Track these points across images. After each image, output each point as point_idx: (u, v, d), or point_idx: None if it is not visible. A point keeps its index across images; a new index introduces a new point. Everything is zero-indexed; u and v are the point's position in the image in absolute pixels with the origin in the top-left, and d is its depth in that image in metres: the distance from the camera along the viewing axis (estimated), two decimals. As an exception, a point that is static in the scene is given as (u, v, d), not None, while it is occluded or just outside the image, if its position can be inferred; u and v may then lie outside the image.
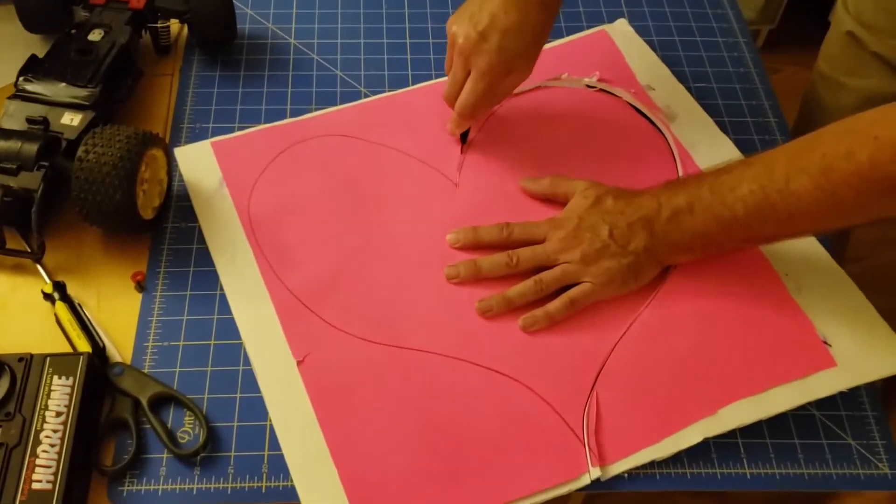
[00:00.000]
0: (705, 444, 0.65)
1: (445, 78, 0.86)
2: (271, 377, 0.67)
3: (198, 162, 0.79)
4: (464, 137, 0.82)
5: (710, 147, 0.82)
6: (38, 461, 0.59)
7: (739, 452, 0.65)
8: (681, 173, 0.80)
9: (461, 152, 0.82)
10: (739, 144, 0.83)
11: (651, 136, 0.83)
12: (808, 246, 0.75)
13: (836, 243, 0.78)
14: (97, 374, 0.65)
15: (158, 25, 0.86)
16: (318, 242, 0.75)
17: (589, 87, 0.87)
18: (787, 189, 0.63)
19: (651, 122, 0.84)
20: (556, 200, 0.76)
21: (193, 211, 0.76)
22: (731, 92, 0.89)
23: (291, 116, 0.84)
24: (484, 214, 0.76)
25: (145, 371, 0.67)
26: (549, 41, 0.90)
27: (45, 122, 0.73)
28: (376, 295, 0.72)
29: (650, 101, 0.85)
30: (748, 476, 0.64)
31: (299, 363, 0.67)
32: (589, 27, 0.93)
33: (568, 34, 0.92)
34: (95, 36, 0.81)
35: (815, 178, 0.62)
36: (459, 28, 0.75)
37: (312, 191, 0.78)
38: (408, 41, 0.91)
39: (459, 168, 0.80)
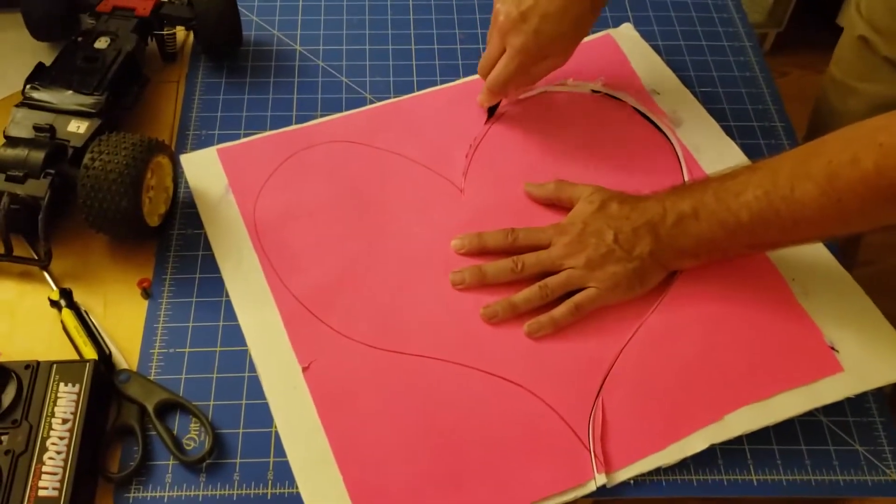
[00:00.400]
0: (711, 450, 0.65)
1: (451, 84, 0.87)
2: (276, 383, 0.67)
3: (203, 168, 0.79)
4: (492, 111, 0.84)
5: (715, 152, 0.82)
6: (44, 468, 0.59)
7: (746, 459, 0.65)
8: (686, 178, 0.80)
9: (486, 123, 0.83)
10: (745, 149, 0.82)
11: (657, 141, 0.83)
12: (815, 251, 0.75)
13: (848, 248, 0.77)
14: (103, 381, 0.65)
15: (164, 33, 0.87)
16: (324, 248, 0.75)
17: (594, 91, 0.87)
18: (791, 196, 0.63)
19: (657, 126, 0.84)
20: (560, 205, 0.76)
21: (199, 218, 0.76)
22: (736, 96, 0.89)
23: (297, 123, 0.84)
24: (489, 220, 0.76)
25: (151, 378, 0.67)
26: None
27: (51, 129, 0.73)
28: (381, 301, 0.72)
29: (655, 106, 0.85)
30: (755, 482, 0.64)
31: (304, 369, 0.67)
32: (594, 32, 0.93)
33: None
34: (102, 44, 0.81)
35: (821, 184, 0.61)
36: (503, 5, 0.76)
37: (318, 197, 0.78)
38: (413, 47, 0.91)
39: (465, 174, 0.80)
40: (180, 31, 0.89)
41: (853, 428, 0.67)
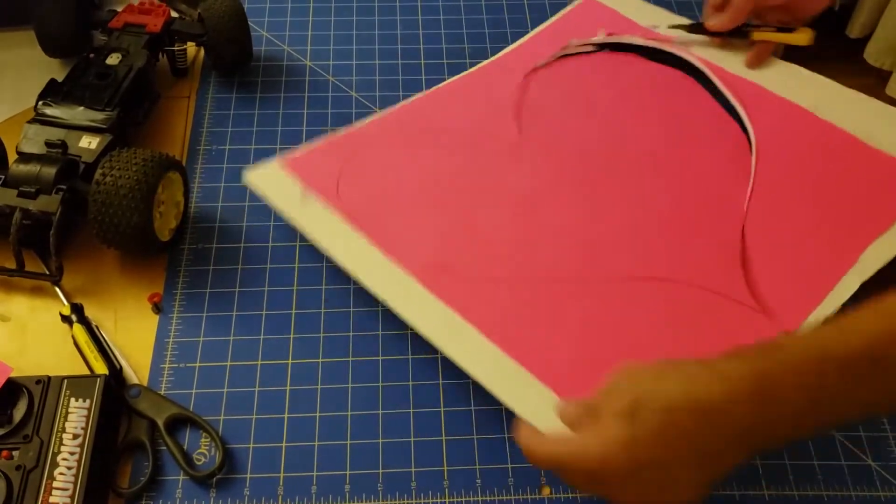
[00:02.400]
0: (723, 465, 0.64)
1: (483, 63, 0.87)
2: (441, 332, 0.66)
3: (272, 180, 0.76)
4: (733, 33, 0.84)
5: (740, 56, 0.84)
6: (54, 483, 0.59)
7: (758, 474, 0.65)
8: (726, 93, 0.81)
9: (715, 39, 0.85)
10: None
11: (679, 78, 0.84)
12: None
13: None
14: (114, 396, 0.65)
15: (175, 48, 0.87)
16: (425, 216, 0.74)
17: (600, 47, 0.87)
18: None
19: (672, 56, 0.85)
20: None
21: (210, 232, 0.77)
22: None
23: (307, 138, 0.84)
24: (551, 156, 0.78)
25: (162, 393, 0.67)
26: (537, 25, 0.91)
27: (63, 145, 0.74)
28: (501, 241, 0.72)
29: (662, 36, 0.86)
30: (766, 498, 0.64)
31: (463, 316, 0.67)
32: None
33: (553, 12, 0.93)
34: (113, 60, 0.82)
35: None
36: None
37: (399, 176, 0.77)
38: (422, 62, 0.92)
39: (519, 124, 0.81)
40: (191, 47, 0.90)
41: (866, 443, 0.67)
